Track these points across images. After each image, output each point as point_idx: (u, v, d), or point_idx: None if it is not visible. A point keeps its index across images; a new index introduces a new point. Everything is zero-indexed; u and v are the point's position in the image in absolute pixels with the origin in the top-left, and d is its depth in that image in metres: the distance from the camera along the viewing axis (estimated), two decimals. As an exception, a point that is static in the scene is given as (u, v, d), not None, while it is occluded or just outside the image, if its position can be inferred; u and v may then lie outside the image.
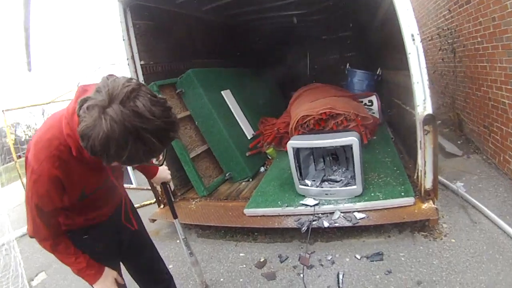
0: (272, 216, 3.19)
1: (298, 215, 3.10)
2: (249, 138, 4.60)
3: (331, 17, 5.83)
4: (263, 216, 3.22)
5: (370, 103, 5.08)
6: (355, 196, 3.06)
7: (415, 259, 2.63)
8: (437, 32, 5.12)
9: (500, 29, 3.18)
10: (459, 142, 4.54)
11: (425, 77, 2.66)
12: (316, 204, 3.08)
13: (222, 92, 4.57)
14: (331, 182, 3.24)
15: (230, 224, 3.26)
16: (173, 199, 2.90)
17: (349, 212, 2.98)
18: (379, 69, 5.49)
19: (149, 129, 0.95)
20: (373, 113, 4.96)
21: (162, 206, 3.76)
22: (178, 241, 3.36)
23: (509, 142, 3.38)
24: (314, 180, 3.28)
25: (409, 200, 2.89)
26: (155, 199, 3.87)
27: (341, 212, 2.99)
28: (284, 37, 6.95)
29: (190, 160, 3.94)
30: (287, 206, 3.17)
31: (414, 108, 2.82)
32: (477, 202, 3.08)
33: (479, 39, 3.76)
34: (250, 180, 4.23)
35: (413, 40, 2.63)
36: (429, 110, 2.68)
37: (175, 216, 2.24)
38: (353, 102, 4.65)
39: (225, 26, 5.92)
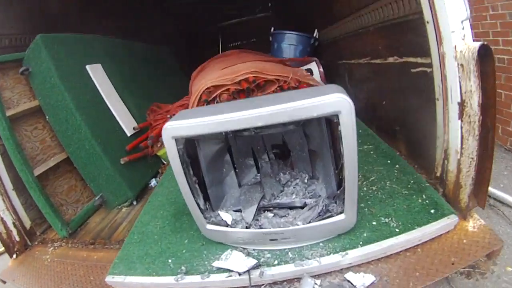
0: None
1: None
2: (128, 135, 2.44)
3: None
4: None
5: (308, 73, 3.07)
6: (342, 235, 1.17)
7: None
8: None
9: None
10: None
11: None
12: (256, 267, 1.10)
13: (87, 66, 2.37)
14: (280, 210, 1.26)
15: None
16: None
17: (335, 272, 1.12)
18: (316, 31, 3.51)
19: None
20: (316, 84, 2.97)
21: (15, 256, 1.95)
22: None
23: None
24: (239, 211, 1.28)
25: (449, 222, 1.18)
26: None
27: (315, 280, 1.08)
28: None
29: (35, 181, 1.89)
30: (185, 274, 1.18)
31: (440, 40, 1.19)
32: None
33: None
34: (134, 203, 2.15)
35: None
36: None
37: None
38: (287, 67, 2.64)
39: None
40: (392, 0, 1.60)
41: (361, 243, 1.11)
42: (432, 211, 1.19)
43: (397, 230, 1.13)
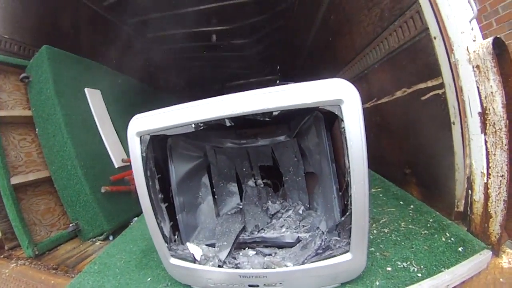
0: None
1: None
2: (116, 166, 2.19)
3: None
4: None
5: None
6: (346, 284, 0.84)
7: None
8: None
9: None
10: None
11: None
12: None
13: (86, 89, 2.22)
14: (267, 248, 0.91)
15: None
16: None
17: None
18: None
19: None
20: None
21: None
22: None
23: None
24: (213, 245, 0.92)
25: (482, 259, 0.87)
26: None
27: None
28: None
29: (10, 188, 1.68)
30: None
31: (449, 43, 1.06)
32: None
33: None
34: (110, 238, 1.83)
35: None
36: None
37: None
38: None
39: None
40: (396, 27, 1.47)
41: (374, 295, 0.79)
42: (460, 249, 0.91)
43: (419, 275, 0.82)
